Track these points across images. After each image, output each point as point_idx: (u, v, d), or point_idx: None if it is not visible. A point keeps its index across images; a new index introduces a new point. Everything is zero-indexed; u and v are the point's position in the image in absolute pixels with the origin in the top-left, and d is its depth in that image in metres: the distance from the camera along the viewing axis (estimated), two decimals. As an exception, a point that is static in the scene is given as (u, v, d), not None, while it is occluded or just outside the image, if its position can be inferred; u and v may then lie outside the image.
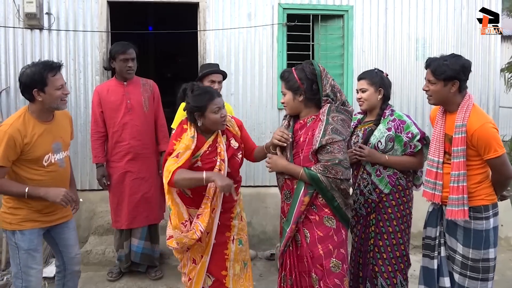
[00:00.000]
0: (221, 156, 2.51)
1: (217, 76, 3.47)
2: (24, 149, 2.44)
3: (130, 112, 3.59)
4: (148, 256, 3.76)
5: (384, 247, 2.78)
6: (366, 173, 2.80)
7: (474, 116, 2.42)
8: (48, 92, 2.45)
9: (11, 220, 2.53)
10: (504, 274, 4.06)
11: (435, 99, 2.54)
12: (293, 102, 2.49)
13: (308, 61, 2.53)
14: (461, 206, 2.44)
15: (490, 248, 2.48)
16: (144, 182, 3.66)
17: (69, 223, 2.76)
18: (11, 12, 4.46)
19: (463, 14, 5.03)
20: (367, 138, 2.80)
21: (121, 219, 3.62)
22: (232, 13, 4.75)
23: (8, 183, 2.45)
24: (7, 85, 4.50)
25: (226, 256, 2.64)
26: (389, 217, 2.77)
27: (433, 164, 2.58)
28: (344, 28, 4.91)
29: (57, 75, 2.48)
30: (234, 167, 2.60)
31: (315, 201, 2.41)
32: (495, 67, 5.12)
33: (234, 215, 2.70)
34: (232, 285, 2.64)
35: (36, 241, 2.57)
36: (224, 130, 2.62)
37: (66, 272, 2.79)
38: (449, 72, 2.42)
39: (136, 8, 6.91)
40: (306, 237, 2.41)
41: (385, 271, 2.80)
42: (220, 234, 2.62)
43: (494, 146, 2.37)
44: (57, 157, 2.59)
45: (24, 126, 2.44)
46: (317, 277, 2.37)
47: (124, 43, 3.60)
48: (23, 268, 2.53)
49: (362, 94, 2.83)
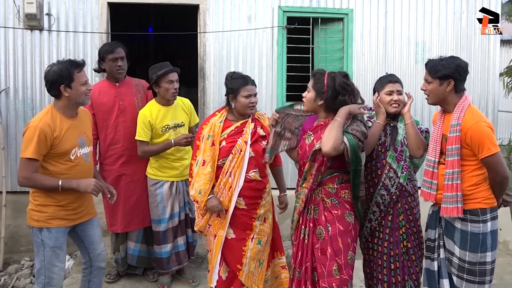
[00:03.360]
0: (245, 138, 2.83)
1: (174, 75, 3.41)
2: (54, 143, 2.54)
3: (123, 113, 3.55)
4: (144, 259, 3.73)
5: (413, 248, 2.79)
6: (393, 171, 2.76)
7: (469, 115, 2.46)
8: (74, 87, 2.57)
9: (39, 218, 2.59)
10: (503, 278, 4.06)
11: (432, 98, 2.60)
12: (313, 102, 2.56)
13: (342, 72, 2.55)
14: (455, 204, 2.45)
15: (488, 251, 2.48)
16: (139, 184, 3.61)
17: (94, 221, 2.85)
18: (11, 13, 4.46)
19: (462, 18, 5.05)
20: (395, 136, 2.79)
21: (117, 223, 3.59)
22: (232, 15, 4.76)
23: (42, 177, 2.54)
24: (7, 85, 4.50)
25: (243, 253, 2.87)
26: (413, 218, 2.79)
27: (430, 164, 2.62)
28: (344, 31, 4.92)
29: (81, 71, 2.62)
30: (258, 151, 2.86)
31: (338, 197, 2.52)
32: (494, 71, 5.13)
33: (257, 215, 2.89)
34: (245, 280, 2.88)
35: (62, 239, 2.65)
36: (254, 118, 2.93)
37: (92, 268, 2.87)
38: (444, 71, 2.49)
39: (137, 10, 6.93)
40: (328, 231, 2.51)
41: (413, 272, 2.80)
42: (241, 231, 2.88)
43: (488, 145, 2.38)
44: (83, 152, 2.70)
45: (53, 121, 2.56)
46: (337, 268, 2.47)
47: (112, 43, 3.58)
48: (47, 265, 2.61)
49: (399, 97, 2.79)
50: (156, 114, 3.41)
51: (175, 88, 3.40)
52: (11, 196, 4.44)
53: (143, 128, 3.38)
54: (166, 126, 3.44)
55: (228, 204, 2.85)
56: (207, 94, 4.77)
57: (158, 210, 3.51)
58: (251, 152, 2.84)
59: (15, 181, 4.51)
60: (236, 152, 2.84)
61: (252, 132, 2.88)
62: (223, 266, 2.92)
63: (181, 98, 3.60)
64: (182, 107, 3.57)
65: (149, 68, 3.48)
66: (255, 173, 2.86)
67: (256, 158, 2.86)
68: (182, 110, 3.56)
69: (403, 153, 2.78)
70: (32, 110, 4.52)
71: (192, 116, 3.66)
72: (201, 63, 4.76)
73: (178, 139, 3.38)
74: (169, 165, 3.50)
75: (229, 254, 2.89)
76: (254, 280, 2.91)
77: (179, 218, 3.58)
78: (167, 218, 3.50)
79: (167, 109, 3.46)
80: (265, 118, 3.01)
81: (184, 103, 3.61)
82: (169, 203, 3.50)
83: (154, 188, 3.51)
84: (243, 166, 2.84)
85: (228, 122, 2.92)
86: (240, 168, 2.83)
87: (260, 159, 2.86)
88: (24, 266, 4.02)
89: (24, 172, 2.50)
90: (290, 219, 2.68)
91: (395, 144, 2.79)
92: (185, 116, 3.58)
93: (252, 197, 2.88)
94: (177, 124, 3.50)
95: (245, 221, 2.88)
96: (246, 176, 2.84)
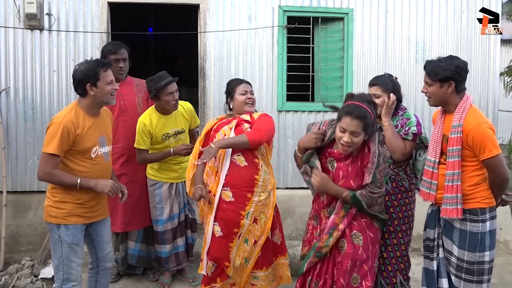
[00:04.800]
0: (230, 125, 2.93)
1: (173, 85, 3.34)
2: (76, 140, 2.57)
3: (123, 113, 3.56)
4: (144, 259, 3.73)
5: (385, 246, 2.81)
6: None
7: (470, 116, 2.45)
8: (100, 86, 2.61)
9: (57, 214, 2.62)
10: (503, 277, 4.06)
11: (433, 100, 2.59)
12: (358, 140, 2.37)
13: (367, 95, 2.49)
14: (455, 205, 2.45)
15: (486, 251, 2.48)
16: (139, 184, 3.62)
17: (106, 221, 2.88)
18: (11, 13, 4.46)
19: (462, 18, 5.04)
20: None
21: (117, 223, 3.59)
22: (233, 15, 4.75)
23: (61, 173, 2.57)
24: (7, 85, 4.50)
25: (230, 249, 2.89)
26: (390, 217, 2.80)
27: (430, 164, 2.61)
28: (344, 30, 4.92)
29: (108, 71, 2.65)
30: (239, 133, 2.88)
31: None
32: (495, 70, 5.12)
33: (245, 212, 2.86)
34: (231, 273, 2.93)
35: (79, 236, 2.68)
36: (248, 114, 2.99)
37: (99, 268, 2.88)
38: (444, 73, 2.47)
39: (137, 10, 6.93)
40: (359, 240, 2.43)
41: (384, 270, 2.82)
42: (228, 228, 2.87)
43: (489, 146, 2.38)
44: (103, 150, 2.74)
45: (76, 118, 2.60)
46: (358, 277, 2.43)
47: (116, 43, 3.57)
48: (65, 261, 2.64)
49: (376, 100, 2.79)
50: (156, 123, 3.40)
51: (175, 99, 3.36)
52: (12, 196, 4.44)
53: (142, 136, 3.38)
54: (166, 135, 3.44)
55: (216, 190, 2.89)
56: (207, 94, 4.76)
57: (156, 211, 3.51)
58: (233, 135, 2.88)
59: (15, 181, 4.52)
60: (220, 136, 2.91)
61: (237, 120, 2.96)
62: (208, 264, 2.94)
63: (182, 103, 3.57)
64: (182, 113, 3.54)
65: (146, 80, 3.43)
66: (239, 157, 2.87)
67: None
68: (182, 116, 3.54)
69: None
70: (33, 110, 4.52)
71: (193, 119, 3.64)
72: (201, 63, 4.75)
73: (178, 149, 3.39)
74: (168, 167, 3.51)
75: (217, 252, 2.90)
76: (238, 274, 2.94)
77: (179, 220, 3.59)
78: (165, 219, 3.50)
79: (167, 118, 3.44)
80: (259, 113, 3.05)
81: (184, 108, 3.58)
82: (167, 204, 3.50)
83: (153, 189, 3.51)
84: (227, 150, 2.87)
85: (221, 120, 3.07)
86: (224, 151, 2.88)
87: None
88: (25, 266, 4.02)
89: (45, 167, 2.53)
90: (290, 219, 2.69)
91: None
92: (185, 122, 3.57)
93: (240, 187, 2.84)
94: (177, 132, 3.50)
95: (233, 218, 2.85)
96: (231, 159, 2.86)
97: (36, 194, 4.52)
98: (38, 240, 4.38)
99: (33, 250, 4.35)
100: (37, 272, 3.90)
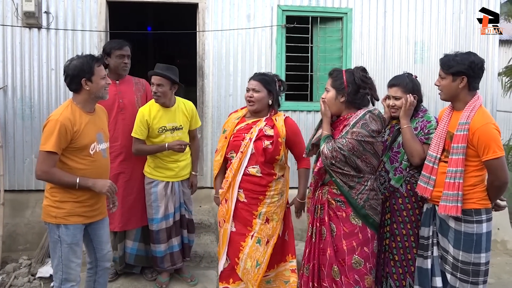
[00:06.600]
0: (251, 136, 2.91)
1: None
2: (74, 137, 2.56)
3: (122, 111, 3.56)
4: (142, 258, 3.72)
5: (397, 249, 2.78)
6: (385, 171, 2.80)
7: (479, 115, 2.45)
8: (95, 81, 2.61)
9: (57, 214, 2.59)
10: (500, 277, 4.07)
11: (445, 94, 2.58)
12: (334, 101, 2.57)
13: (360, 67, 2.59)
14: (455, 203, 2.45)
15: (482, 253, 2.47)
16: (137, 183, 3.61)
17: (105, 220, 2.86)
18: (9, 11, 4.44)
19: (461, 18, 5.05)
20: (395, 137, 2.79)
21: (115, 221, 3.56)
22: (231, 14, 4.75)
23: (60, 173, 2.55)
24: (5, 83, 4.48)
25: (241, 248, 2.92)
26: (403, 220, 2.77)
27: (431, 159, 2.61)
28: (343, 30, 4.92)
29: (101, 65, 2.66)
30: (258, 149, 2.89)
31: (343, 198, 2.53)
32: (493, 71, 5.14)
33: (258, 213, 2.92)
34: (241, 275, 2.93)
35: (79, 235, 2.67)
36: (268, 118, 2.98)
37: (97, 268, 2.87)
38: (457, 67, 2.46)
39: (135, 8, 6.91)
40: (332, 231, 2.53)
41: (395, 272, 2.80)
42: (241, 226, 2.93)
43: (494, 147, 2.38)
44: (101, 147, 2.73)
45: (72, 115, 2.58)
46: (338, 270, 2.47)
47: (120, 40, 3.57)
48: (64, 261, 2.62)
49: (396, 102, 2.76)
50: (155, 114, 3.41)
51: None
52: (9, 195, 4.43)
53: (139, 126, 3.40)
54: (163, 128, 3.43)
55: (227, 195, 2.95)
56: (206, 93, 4.76)
57: (152, 209, 3.51)
58: (252, 149, 2.90)
59: (13, 179, 4.51)
60: (242, 149, 2.93)
61: (259, 130, 2.93)
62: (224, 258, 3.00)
63: (184, 101, 3.59)
64: (183, 110, 3.54)
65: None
66: (254, 169, 2.91)
67: (256, 155, 2.90)
68: (182, 113, 3.54)
69: (399, 155, 2.78)
70: (30, 108, 4.51)
71: (193, 119, 3.62)
72: (200, 62, 4.75)
73: (172, 144, 3.40)
74: (164, 165, 3.50)
75: (229, 246, 2.96)
76: (249, 279, 2.93)
77: (174, 219, 3.57)
78: (160, 218, 3.49)
79: (166, 111, 3.45)
80: (281, 119, 2.99)
81: (186, 106, 3.58)
82: (163, 203, 3.49)
83: (149, 187, 3.51)
84: (244, 162, 2.91)
85: (243, 119, 3.06)
86: (240, 164, 2.91)
87: (260, 157, 2.89)
88: (22, 265, 4.01)
89: (43, 165, 2.50)
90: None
91: (392, 144, 2.79)
92: (184, 119, 3.56)
93: (252, 191, 2.91)
94: (175, 127, 3.49)
95: (246, 217, 2.92)
96: (245, 171, 2.91)
97: (34, 193, 4.50)
98: (35, 239, 4.37)
99: (30, 249, 4.34)
100: (34, 271, 3.89)
